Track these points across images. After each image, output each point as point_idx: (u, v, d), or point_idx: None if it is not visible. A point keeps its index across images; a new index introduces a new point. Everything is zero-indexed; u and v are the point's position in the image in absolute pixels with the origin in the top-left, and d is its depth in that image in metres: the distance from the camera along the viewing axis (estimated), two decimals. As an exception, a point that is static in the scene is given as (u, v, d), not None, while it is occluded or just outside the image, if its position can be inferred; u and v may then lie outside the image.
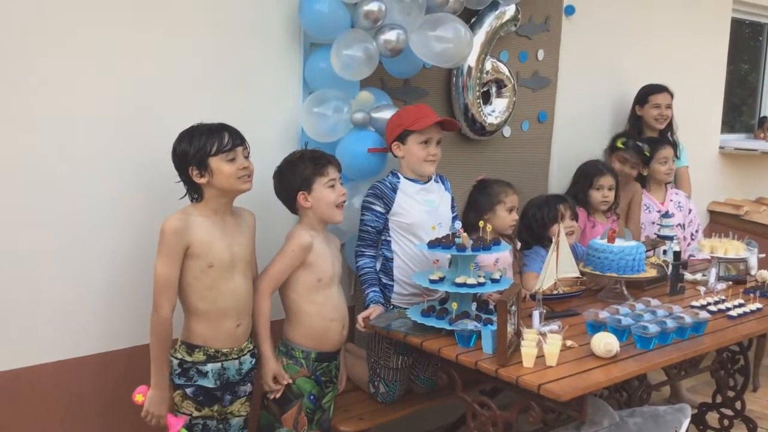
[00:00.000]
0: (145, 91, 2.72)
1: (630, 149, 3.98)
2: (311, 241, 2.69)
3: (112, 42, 2.63)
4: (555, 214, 3.46)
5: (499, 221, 3.25)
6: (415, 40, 3.03)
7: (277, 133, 3.08)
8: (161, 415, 2.43)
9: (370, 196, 2.95)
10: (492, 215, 3.26)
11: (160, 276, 2.39)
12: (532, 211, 3.56)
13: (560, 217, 3.44)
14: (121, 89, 2.66)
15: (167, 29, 2.75)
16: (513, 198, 3.32)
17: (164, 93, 2.76)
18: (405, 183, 2.98)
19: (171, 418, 2.44)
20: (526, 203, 3.65)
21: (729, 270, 3.50)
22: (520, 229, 3.60)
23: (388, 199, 2.94)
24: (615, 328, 2.62)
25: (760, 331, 3.01)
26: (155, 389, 2.43)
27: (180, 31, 2.79)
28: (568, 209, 3.52)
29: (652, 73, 4.52)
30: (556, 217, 3.46)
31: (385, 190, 2.94)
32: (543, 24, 4.02)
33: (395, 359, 2.92)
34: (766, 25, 5.88)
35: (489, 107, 3.76)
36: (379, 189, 2.95)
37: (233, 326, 2.53)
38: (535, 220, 3.53)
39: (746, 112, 6.07)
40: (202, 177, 2.42)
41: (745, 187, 5.70)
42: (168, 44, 2.76)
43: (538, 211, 3.53)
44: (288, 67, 3.08)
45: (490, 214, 3.26)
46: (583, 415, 2.36)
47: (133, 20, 2.66)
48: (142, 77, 2.71)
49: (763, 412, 4.24)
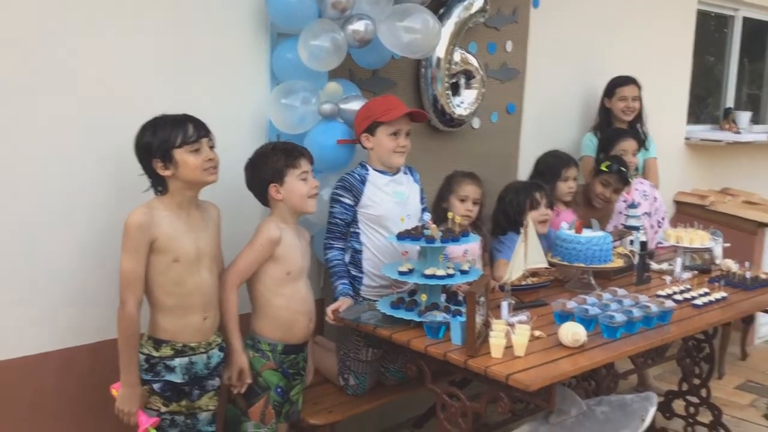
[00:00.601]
0: (108, 82, 2.67)
1: (614, 174, 3.89)
2: (280, 234, 2.67)
3: (73, 33, 2.57)
4: (531, 200, 3.50)
5: (453, 210, 3.26)
6: (384, 30, 3.01)
7: (245, 124, 3.05)
8: (132, 413, 2.40)
9: (339, 189, 2.94)
10: (448, 205, 3.29)
11: (125, 271, 2.35)
12: (510, 196, 3.58)
13: (535, 205, 3.47)
14: (83, 82, 2.61)
15: (131, 19, 2.70)
16: (468, 188, 3.34)
17: (128, 84, 2.71)
18: (374, 175, 2.97)
19: (141, 415, 2.41)
20: (504, 188, 3.68)
21: (694, 259, 3.55)
22: (497, 213, 3.63)
23: (357, 191, 2.92)
24: (582, 318, 2.63)
25: (725, 320, 3.05)
26: (125, 387, 2.39)
27: (144, 21, 2.73)
28: (544, 197, 3.54)
29: (621, 65, 4.55)
30: (532, 203, 3.48)
31: (354, 183, 2.93)
32: (511, 15, 4.02)
33: (365, 351, 2.91)
34: (732, 17, 5.95)
35: (458, 98, 3.76)
36: (347, 181, 2.93)
37: (200, 320, 2.51)
38: (511, 206, 3.54)
39: (712, 104, 6.15)
40: (167, 169, 2.38)
41: (710, 178, 5.78)
42: (131, 34, 2.71)
43: (515, 196, 3.55)
44: (255, 57, 3.05)
45: (446, 203, 3.29)
46: (551, 404, 2.37)
47: (95, 9, 2.61)
48: (104, 68, 2.66)
49: (729, 399, 4.32)
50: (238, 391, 2.66)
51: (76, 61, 2.59)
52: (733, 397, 4.40)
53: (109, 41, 2.66)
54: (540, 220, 3.47)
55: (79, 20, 2.59)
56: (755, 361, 4.98)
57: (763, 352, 5.16)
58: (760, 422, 3.74)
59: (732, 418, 4.01)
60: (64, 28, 2.55)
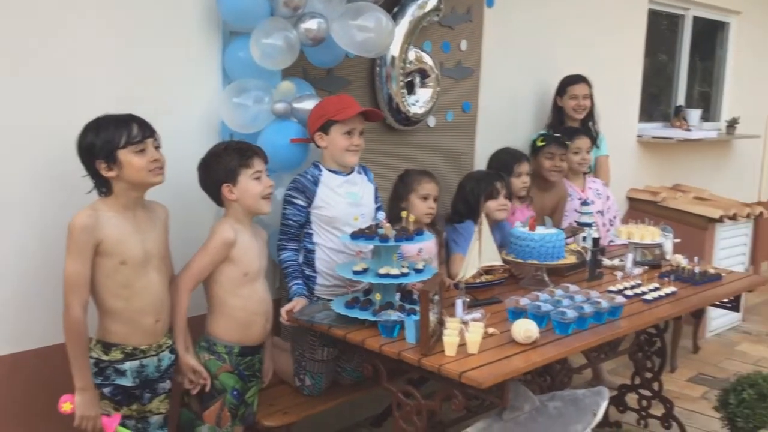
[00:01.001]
0: (53, 80, 2.61)
1: (552, 143, 4.04)
2: (234, 236, 2.64)
3: (13, 29, 2.50)
4: (491, 189, 3.53)
5: (414, 209, 3.27)
6: (337, 29, 3.00)
7: (197, 124, 3.01)
8: (96, 417, 2.35)
9: (292, 190, 2.92)
10: (407, 204, 3.29)
11: (69, 275, 2.30)
12: (470, 184, 3.61)
13: (495, 194, 3.51)
14: (25, 79, 2.54)
15: (77, 15, 2.64)
16: (428, 186, 3.35)
17: (73, 83, 2.65)
18: (327, 175, 2.95)
19: (105, 419, 2.36)
20: (465, 176, 3.72)
21: (645, 255, 3.61)
22: (456, 201, 3.66)
23: (310, 192, 2.91)
24: (535, 315, 2.66)
25: (675, 314, 3.11)
26: (81, 392, 2.33)
27: (91, 18, 2.68)
28: (504, 187, 3.58)
29: (574, 63, 4.61)
30: (491, 192, 3.50)
31: (307, 184, 2.91)
32: (465, 14, 4.04)
33: (320, 351, 2.90)
34: (682, 16, 6.07)
35: (413, 97, 3.77)
36: (300, 183, 2.92)
37: (152, 322, 2.47)
38: (472, 194, 3.57)
39: (664, 102, 6.26)
40: (111, 170, 2.33)
41: (662, 175, 5.89)
42: (77, 31, 2.65)
43: (476, 185, 3.58)
44: (206, 56, 3.00)
45: (405, 202, 3.29)
46: (505, 401, 2.39)
47: (38, 5, 2.55)
48: (49, 65, 2.59)
49: (681, 392, 4.40)
50: (196, 392, 2.63)
51: (16, 59, 2.52)
52: (685, 389, 4.49)
53: (53, 38, 2.60)
54: (498, 209, 3.50)
55: (20, 16, 2.52)
56: (706, 354, 5.09)
57: (715, 346, 5.28)
58: (711, 414, 3.81)
59: (684, 411, 4.10)
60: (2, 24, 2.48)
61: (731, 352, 5.16)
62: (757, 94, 6.96)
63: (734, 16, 6.50)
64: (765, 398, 3.36)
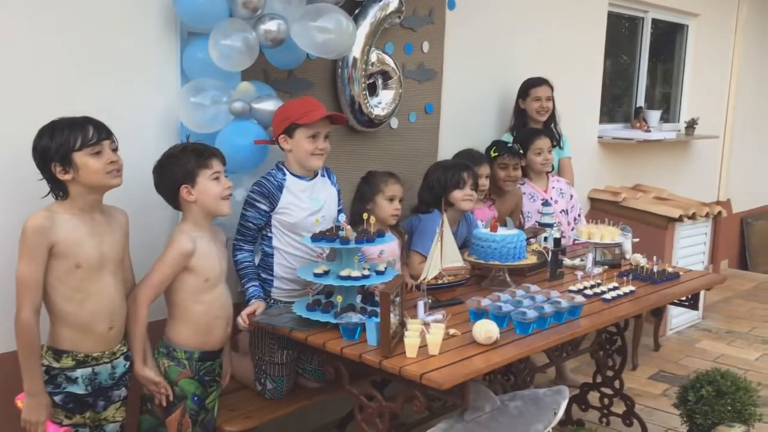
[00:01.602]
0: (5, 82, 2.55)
1: (505, 153, 4.04)
2: (192, 246, 2.60)
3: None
4: (458, 179, 3.53)
5: (381, 211, 3.27)
6: (297, 30, 2.98)
7: (155, 125, 2.97)
8: (39, 422, 2.30)
9: (256, 194, 2.89)
10: (373, 205, 3.29)
11: (21, 277, 2.26)
12: (437, 174, 3.59)
13: (461, 184, 3.51)
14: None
15: (30, 15, 2.59)
16: (394, 187, 3.35)
17: (27, 85, 2.60)
18: (291, 180, 2.93)
19: (50, 426, 2.32)
20: (432, 165, 3.71)
21: (605, 255, 3.65)
22: (422, 190, 3.64)
23: (275, 198, 2.89)
24: (496, 315, 2.68)
25: (633, 313, 3.14)
26: (29, 396, 2.30)
27: (44, 18, 2.63)
28: (470, 177, 3.57)
29: (535, 66, 4.64)
30: (458, 182, 3.51)
31: (272, 189, 2.89)
32: (427, 16, 4.05)
33: (280, 354, 2.88)
34: (642, 18, 6.16)
35: (375, 99, 3.76)
36: (265, 187, 2.89)
37: (106, 329, 2.43)
38: (438, 183, 3.56)
39: (626, 103, 6.35)
40: (66, 173, 2.29)
41: (623, 175, 5.96)
42: (30, 32, 2.60)
43: (442, 174, 3.57)
44: (163, 57, 2.97)
45: (371, 204, 3.29)
46: (465, 401, 2.40)
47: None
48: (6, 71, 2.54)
49: (642, 389, 4.47)
50: (160, 402, 2.60)
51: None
52: (646, 387, 4.55)
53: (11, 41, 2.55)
54: (464, 198, 3.52)
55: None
56: (667, 352, 5.17)
57: (675, 343, 5.36)
58: (671, 411, 3.87)
59: (645, 408, 4.16)
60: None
61: (691, 349, 5.25)
62: (716, 95, 7.10)
63: (693, 19, 6.61)
64: (723, 395, 3.42)
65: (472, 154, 3.97)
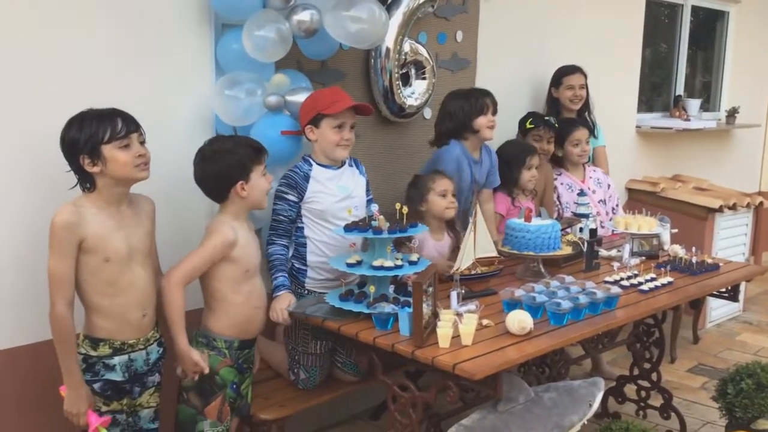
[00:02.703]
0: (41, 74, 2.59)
1: (540, 126, 4.04)
2: (235, 237, 2.60)
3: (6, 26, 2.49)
4: (481, 105, 3.48)
5: (435, 207, 3.25)
6: (330, 20, 2.98)
7: (189, 117, 2.99)
8: (81, 413, 2.34)
9: (284, 186, 2.90)
10: (427, 205, 3.26)
11: (52, 272, 2.28)
12: (458, 102, 3.51)
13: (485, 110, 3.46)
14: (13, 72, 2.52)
15: (67, 11, 2.63)
16: (443, 182, 3.31)
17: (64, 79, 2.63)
18: (317, 170, 2.93)
19: (92, 415, 2.35)
20: (447, 95, 3.63)
21: (642, 245, 3.59)
22: (442, 119, 3.56)
23: (302, 188, 2.89)
24: (530, 306, 2.65)
25: (671, 304, 3.09)
26: (69, 388, 2.33)
27: (80, 12, 2.66)
28: (492, 104, 3.52)
29: (571, 54, 4.58)
30: (482, 108, 3.47)
31: (298, 180, 2.89)
32: (461, 5, 4.02)
33: (313, 344, 2.89)
34: (681, 6, 6.03)
35: (409, 89, 3.75)
36: (292, 179, 2.89)
37: (139, 317, 2.46)
38: (462, 110, 3.48)
39: (665, 92, 6.23)
40: (95, 166, 2.29)
41: (661, 165, 5.86)
42: (68, 27, 2.63)
43: (465, 101, 3.50)
44: (198, 48, 2.99)
45: (425, 204, 3.26)
46: (498, 392, 2.39)
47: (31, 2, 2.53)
48: (37, 59, 2.57)
49: (680, 383, 4.40)
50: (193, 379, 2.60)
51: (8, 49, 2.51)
52: (685, 380, 4.48)
53: (44, 29, 2.58)
54: (488, 125, 3.48)
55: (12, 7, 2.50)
56: (706, 345, 5.08)
57: (715, 336, 5.26)
58: (710, 404, 3.80)
59: (683, 401, 4.09)
60: None
61: (731, 342, 5.15)
62: (757, 83, 6.93)
63: (733, 5, 6.46)
64: (763, 388, 3.34)
65: (522, 144, 3.95)
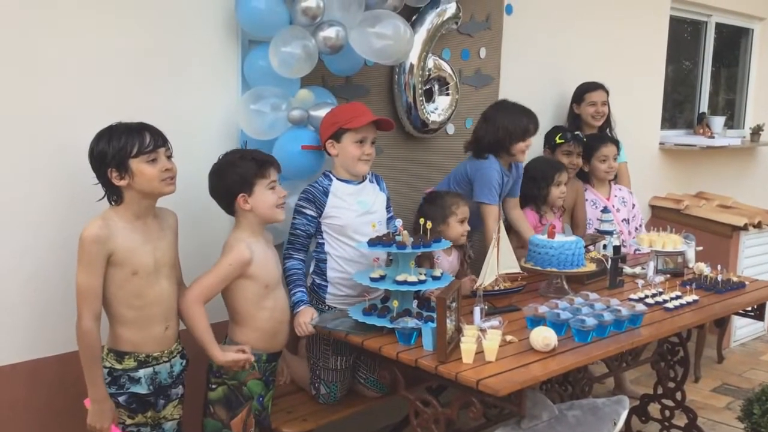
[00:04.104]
0: (71, 88, 2.63)
1: (570, 141, 4.05)
2: (250, 255, 2.61)
3: (34, 37, 2.54)
4: (524, 131, 3.49)
5: (453, 232, 3.25)
6: (355, 36, 3.01)
7: (216, 131, 3.03)
8: (104, 428, 2.35)
9: (303, 200, 2.90)
10: (445, 227, 3.26)
11: (80, 286, 2.30)
12: (505, 120, 3.49)
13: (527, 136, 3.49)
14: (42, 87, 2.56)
15: (95, 24, 2.67)
16: (464, 209, 3.31)
17: (91, 91, 2.67)
18: (337, 185, 2.93)
19: (115, 430, 2.36)
20: (497, 104, 3.66)
21: (667, 263, 3.57)
22: (484, 131, 3.53)
23: (320, 202, 2.89)
24: (554, 323, 2.64)
25: (696, 322, 3.06)
26: (93, 402, 2.34)
27: (109, 27, 2.71)
28: (534, 129, 3.53)
29: (593, 71, 4.58)
30: (524, 133, 3.48)
31: (317, 194, 2.90)
32: (484, 22, 4.04)
33: (334, 360, 2.89)
34: (705, 22, 6.02)
35: (432, 105, 3.77)
36: (311, 193, 2.90)
37: (162, 330, 2.47)
38: (506, 131, 3.47)
39: (688, 109, 6.20)
40: (122, 179, 2.32)
41: (685, 182, 5.82)
42: (95, 40, 2.68)
43: (510, 121, 3.48)
44: (225, 64, 3.03)
45: (443, 226, 3.26)
46: (522, 409, 2.37)
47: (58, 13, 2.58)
48: (66, 72, 2.61)
49: (705, 402, 4.34)
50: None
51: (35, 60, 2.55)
52: (709, 400, 4.42)
53: (72, 41, 2.63)
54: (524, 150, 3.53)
55: (40, 17, 2.55)
56: (731, 364, 5.02)
57: (739, 356, 5.20)
58: (735, 424, 3.75)
59: (708, 421, 4.04)
60: (23, 25, 2.51)
61: (756, 362, 5.08)
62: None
63: (758, 22, 6.42)
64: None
65: (551, 161, 3.96)
